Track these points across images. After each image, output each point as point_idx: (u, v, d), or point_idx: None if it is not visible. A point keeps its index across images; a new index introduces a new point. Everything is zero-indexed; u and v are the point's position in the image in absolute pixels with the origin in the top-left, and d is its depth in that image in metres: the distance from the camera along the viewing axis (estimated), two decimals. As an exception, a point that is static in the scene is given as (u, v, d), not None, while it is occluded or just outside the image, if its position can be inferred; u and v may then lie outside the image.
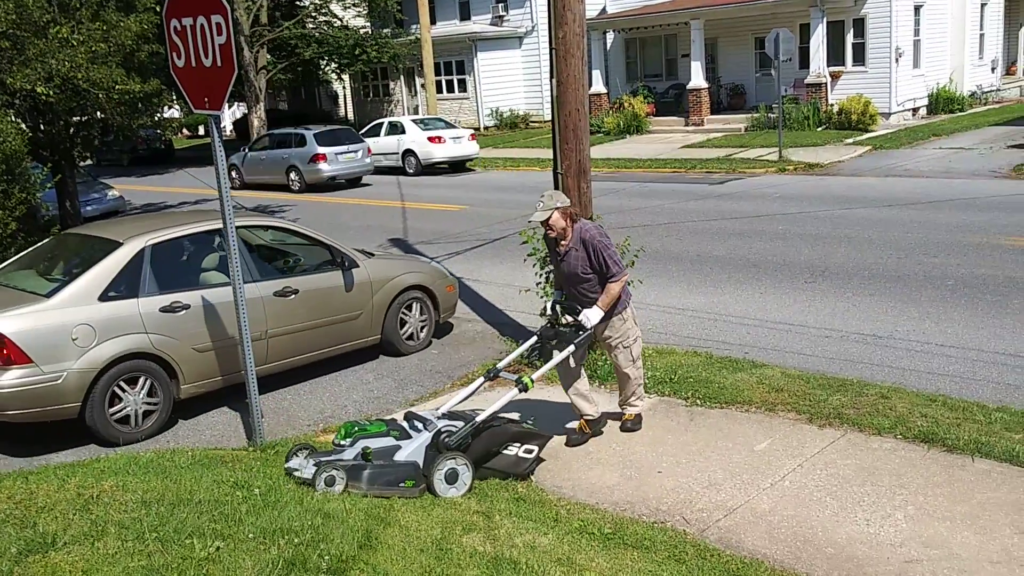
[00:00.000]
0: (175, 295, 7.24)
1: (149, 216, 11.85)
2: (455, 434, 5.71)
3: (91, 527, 3.91)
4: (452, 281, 9.54)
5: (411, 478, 5.49)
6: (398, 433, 5.80)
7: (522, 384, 5.93)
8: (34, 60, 11.97)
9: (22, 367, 6.45)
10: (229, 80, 5.85)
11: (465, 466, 5.63)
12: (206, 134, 45.65)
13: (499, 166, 24.85)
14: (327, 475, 5.32)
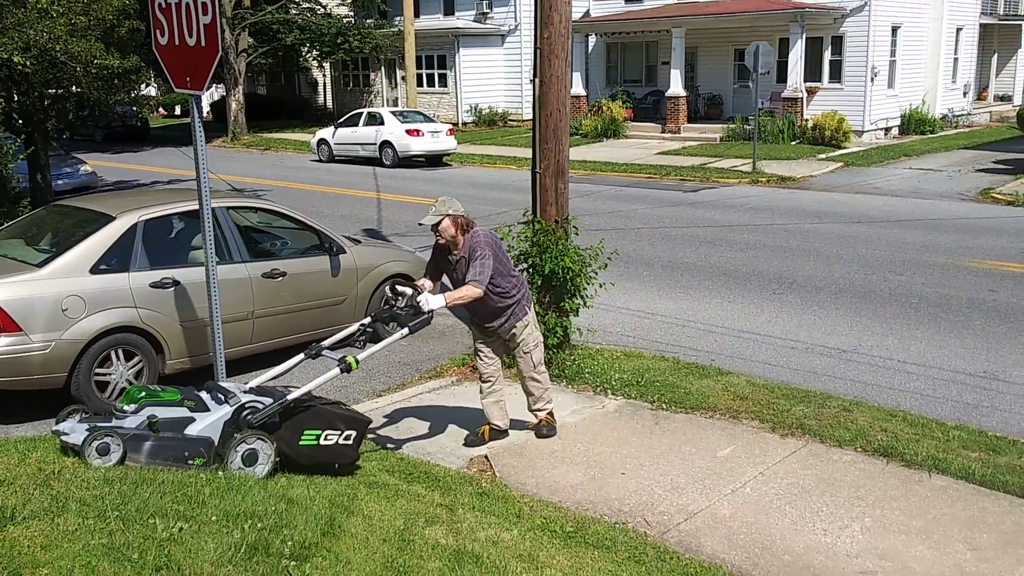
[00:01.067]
0: (165, 271, 7.27)
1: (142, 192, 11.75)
2: (260, 411, 5.18)
3: (51, 503, 3.87)
4: None
5: (201, 456, 5.01)
6: (193, 404, 5.26)
7: (345, 364, 5.45)
8: (11, 29, 11.80)
9: (11, 335, 6.44)
10: (213, 60, 5.81)
11: (268, 447, 5.13)
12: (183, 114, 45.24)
13: (476, 162, 24.85)
14: (100, 443, 4.79)
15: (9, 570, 3.25)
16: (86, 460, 4.71)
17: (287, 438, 5.28)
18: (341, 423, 5.48)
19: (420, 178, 22.18)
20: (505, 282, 6.11)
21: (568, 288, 7.63)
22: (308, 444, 5.35)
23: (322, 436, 5.39)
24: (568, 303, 7.71)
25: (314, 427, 5.37)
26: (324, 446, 5.40)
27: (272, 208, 8.71)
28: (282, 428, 5.27)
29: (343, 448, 5.48)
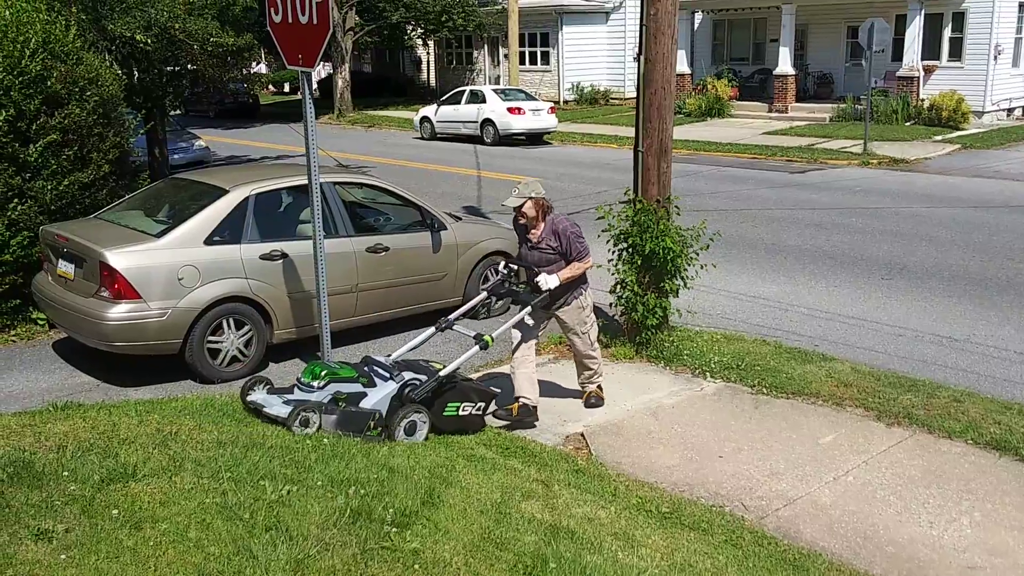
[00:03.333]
0: (274, 243, 7.48)
1: (253, 166, 12.18)
2: (419, 388, 5.85)
3: (169, 462, 4.08)
4: None
5: (378, 425, 5.66)
6: (366, 380, 5.89)
7: (483, 342, 6.07)
8: (135, 8, 12.33)
9: (131, 302, 6.75)
10: (324, 38, 5.95)
11: (425, 419, 5.80)
12: (291, 91, 46.42)
13: (576, 141, 24.73)
14: (303, 415, 5.41)
15: (131, 523, 3.45)
16: (291, 430, 5.27)
17: (435, 410, 5.91)
18: (476, 396, 6.13)
19: (520, 156, 22.21)
20: None
21: (668, 269, 7.55)
22: (450, 415, 5.98)
23: (460, 407, 6.02)
24: (668, 284, 7.63)
25: (455, 400, 6.00)
26: (462, 416, 6.05)
27: (377, 184, 8.87)
28: (433, 402, 5.89)
29: (475, 418, 6.14)
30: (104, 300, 6.86)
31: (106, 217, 7.97)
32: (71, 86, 8.83)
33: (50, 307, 7.50)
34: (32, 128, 8.42)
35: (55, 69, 8.67)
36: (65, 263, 7.32)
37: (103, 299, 6.86)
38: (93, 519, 3.45)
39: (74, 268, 7.20)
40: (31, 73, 8.35)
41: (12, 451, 3.99)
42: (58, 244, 7.42)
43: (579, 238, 6.30)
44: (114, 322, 6.75)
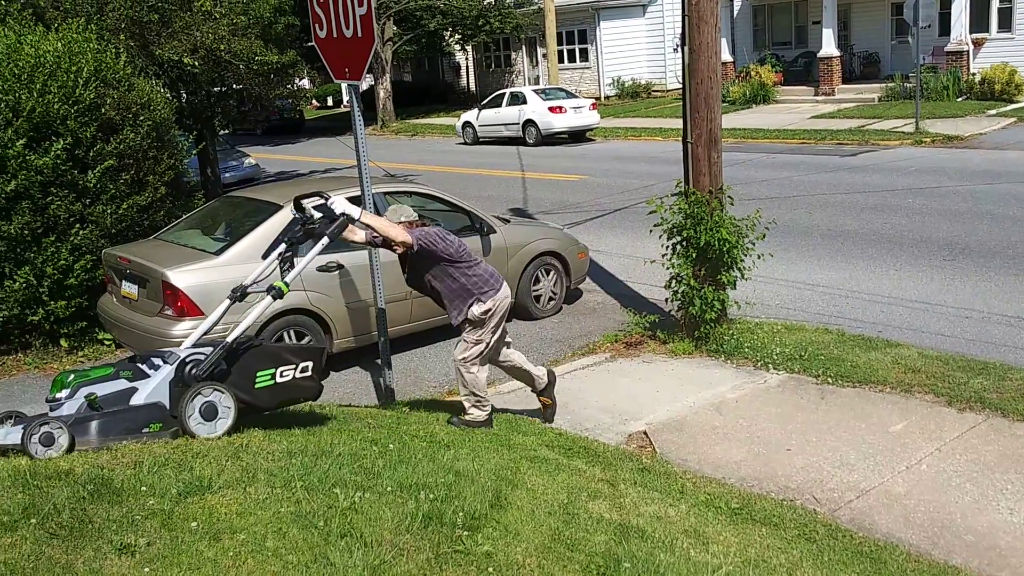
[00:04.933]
0: (330, 255, 7.53)
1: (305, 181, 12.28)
2: (203, 362, 4.88)
3: (242, 473, 4.14)
4: (583, 248, 9.61)
5: (156, 421, 4.71)
6: (131, 374, 4.88)
7: (275, 289, 5.15)
8: (180, 32, 12.59)
9: (194, 319, 6.88)
10: (369, 50, 6.01)
11: (228, 401, 4.80)
12: (334, 104, 46.96)
13: (620, 136, 24.62)
14: (42, 433, 4.37)
15: (210, 534, 3.51)
16: (32, 455, 4.32)
17: (241, 384, 4.95)
18: (293, 356, 5.17)
19: (564, 155, 22.18)
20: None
21: (725, 260, 7.47)
22: (265, 385, 5.05)
23: (277, 374, 5.08)
24: (725, 276, 7.55)
25: (266, 367, 5.06)
26: (282, 384, 5.10)
27: (425, 191, 8.93)
28: (233, 375, 4.95)
29: (302, 382, 5.15)
30: (168, 318, 7.01)
31: (165, 237, 8.14)
32: (124, 112, 9.05)
33: (116, 327, 7.68)
34: (89, 155, 8.64)
35: (108, 96, 8.88)
36: (129, 284, 7.50)
37: (167, 317, 7.01)
38: (173, 532, 3.52)
39: (137, 288, 7.38)
40: (85, 101, 8.57)
41: (91, 468, 4.09)
42: (121, 266, 7.60)
43: (430, 233, 5.68)
44: (179, 339, 6.88)
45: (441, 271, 5.80)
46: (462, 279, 5.83)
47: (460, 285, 5.83)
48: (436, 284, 5.86)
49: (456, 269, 5.81)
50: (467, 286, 5.84)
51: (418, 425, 5.92)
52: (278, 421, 5.60)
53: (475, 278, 5.87)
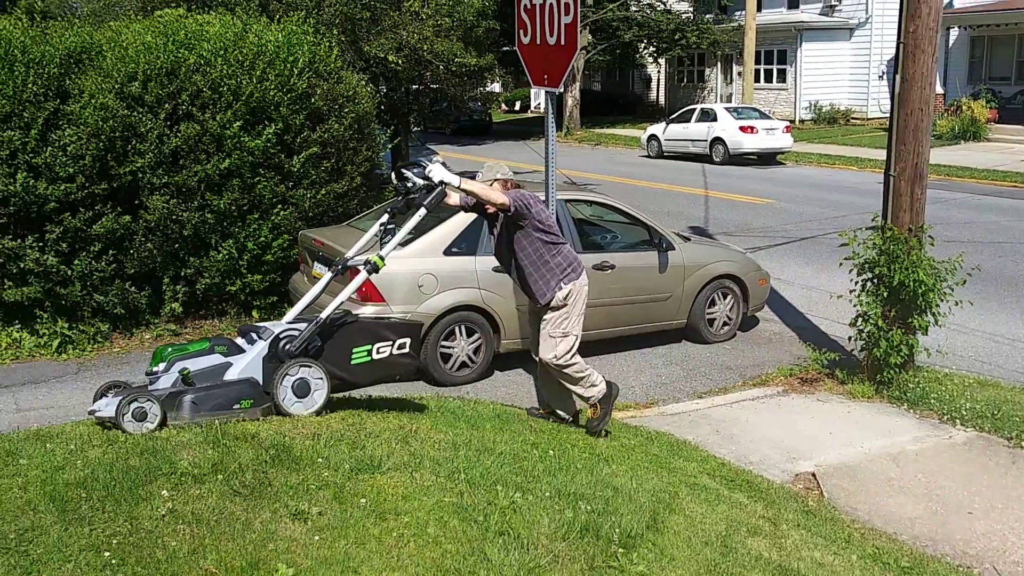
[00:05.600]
0: None
1: None
2: (297, 338, 4.84)
3: (410, 458, 4.29)
4: (765, 275, 9.32)
5: (247, 397, 4.66)
6: (225, 349, 4.88)
7: (371, 264, 5.06)
8: (388, 31, 13.20)
9: (377, 305, 7.21)
10: (570, 58, 6.08)
11: (318, 374, 4.77)
12: (522, 109, 47.82)
13: (812, 162, 23.70)
14: (135, 407, 4.40)
15: (377, 513, 3.66)
16: (124, 430, 4.40)
17: (336, 360, 4.92)
18: (391, 332, 5.10)
19: (751, 176, 21.59)
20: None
21: (918, 303, 7.04)
22: (361, 361, 5.01)
23: (373, 350, 5.02)
24: (916, 320, 7.11)
25: (363, 343, 5.01)
26: (378, 360, 5.04)
27: (606, 202, 8.91)
28: (327, 351, 4.92)
29: (399, 359, 5.10)
30: (352, 301, 7.33)
31: (357, 225, 8.55)
32: (332, 103, 9.56)
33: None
34: (296, 141, 9.19)
35: (319, 87, 9.42)
36: (320, 266, 7.92)
37: (351, 300, 7.33)
38: (343, 505, 3.69)
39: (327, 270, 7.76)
40: (298, 90, 9.12)
41: (274, 435, 4.35)
42: (315, 248, 8.04)
43: (523, 196, 5.49)
44: None
45: (529, 241, 5.59)
46: (547, 255, 5.62)
47: (544, 261, 5.62)
48: (522, 255, 5.62)
49: (544, 242, 5.60)
50: (551, 263, 5.63)
51: (577, 435, 5.92)
52: (445, 413, 5.77)
53: (560, 257, 5.67)
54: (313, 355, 4.86)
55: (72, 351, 8.35)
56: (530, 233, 5.57)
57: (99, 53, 8.67)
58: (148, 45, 8.57)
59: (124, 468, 3.89)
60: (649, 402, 7.51)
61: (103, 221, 8.29)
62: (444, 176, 5.19)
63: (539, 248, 5.61)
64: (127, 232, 8.47)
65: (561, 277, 5.64)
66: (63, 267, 8.21)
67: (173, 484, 3.76)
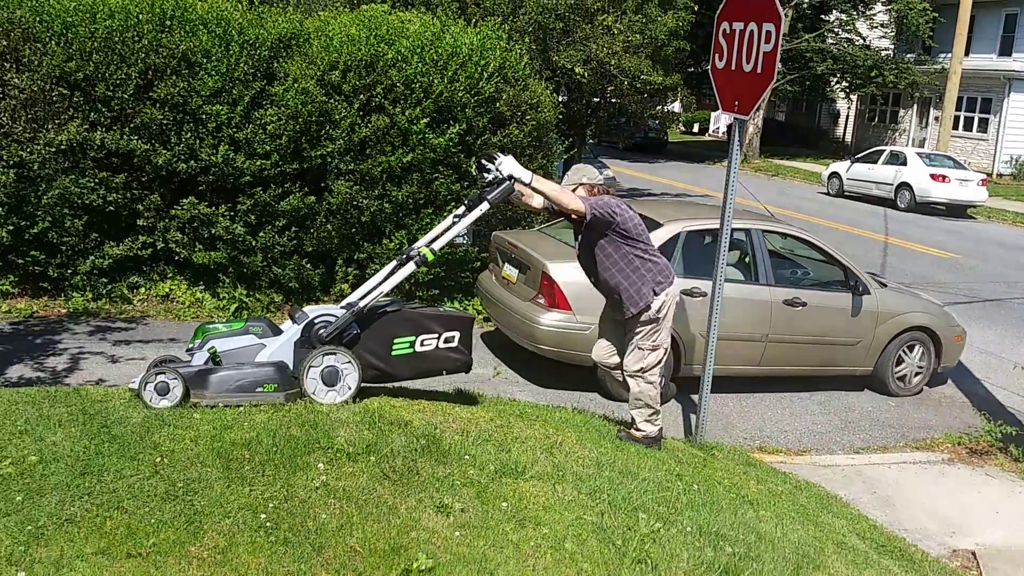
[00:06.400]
0: (696, 281, 7.61)
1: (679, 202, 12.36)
2: (333, 323, 4.65)
3: (554, 469, 4.29)
4: (961, 331, 8.78)
5: (272, 381, 4.53)
6: (260, 330, 4.78)
7: (420, 256, 4.85)
8: (578, 43, 13.29)
9: (562, 312, 7.29)
10: (765, 88, 5.92)
11: (349, 362, 4.61)
12: (700, 132, 47.14)
13: (1007, 220, 22.13)
14: (158, 382, 4.38)
15: (517, 519, 3.68)
16: (146, 402, 4.40)
17: (376, 350, 4.74)
18: (437, 324, 4.87)
19: (936, 227, 20.38)
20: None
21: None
22: (402, 353, 4.80)
23: (417, 342, 4.82)
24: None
25: (405, 333, 4.81)
26: (421, 353, 4.84)
27: (804, 237, 8.59)
28: (366, 340, 4.73)
29: (446, 353, 4.90)
30: (539, 306, 7.48)
31: (547, 231, 8.72)
32: (515, 109, 9.73)
33: (490, 304, 8.33)
34: (477, 142, 9.40)
35: (505, 92, 9.60)
36: (510, 267, 8.13)
37: (539, 305, 7.49)
38: (485, 506, 3.73)
39: (517, 273, 7.96)
40: (485, 94, 9.33)
41: (426, 425, 4.46)
42: (507, 250, 8.24)
43: (605, 203, 5.14)
44: (545, 327, 7.32)
45: (615, 248, 5.31)
46: (636, 262, 5.33)
47: (634, 268, 5.33)
48: (608, 263, 5.32)
49: (632, 250, 5.31)
50: (642, 270, 5.34)
51: (723, 473, 5.75)
52: (589, 427, 5.74)
53: (651, 264, 5.38)
54: (349, 343, 4.71)
55: (246, 317, 8.87)
56: (614, 240, 5.30)
57: (306, 40, 9.16)
58: (352, 37, 8.99)
59: (286, 436, 4.08)
60: (801, 450, 7.21)
61: (290, 199, 8.76)
62: (514, 171, 4.93)
63: (627, 256, 5.32)
64: (310, 212, 8.91)
65: (653, 286, 5.36)
66: (249, 237, 8.73)
67: (329, 459, 3.92)
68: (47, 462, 3.71)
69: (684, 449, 6.26)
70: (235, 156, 8.55)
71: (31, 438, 3.93)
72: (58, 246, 8.36)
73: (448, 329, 4.89)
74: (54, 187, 8.07)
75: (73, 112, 8.15)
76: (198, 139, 8.49)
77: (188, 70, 8.42)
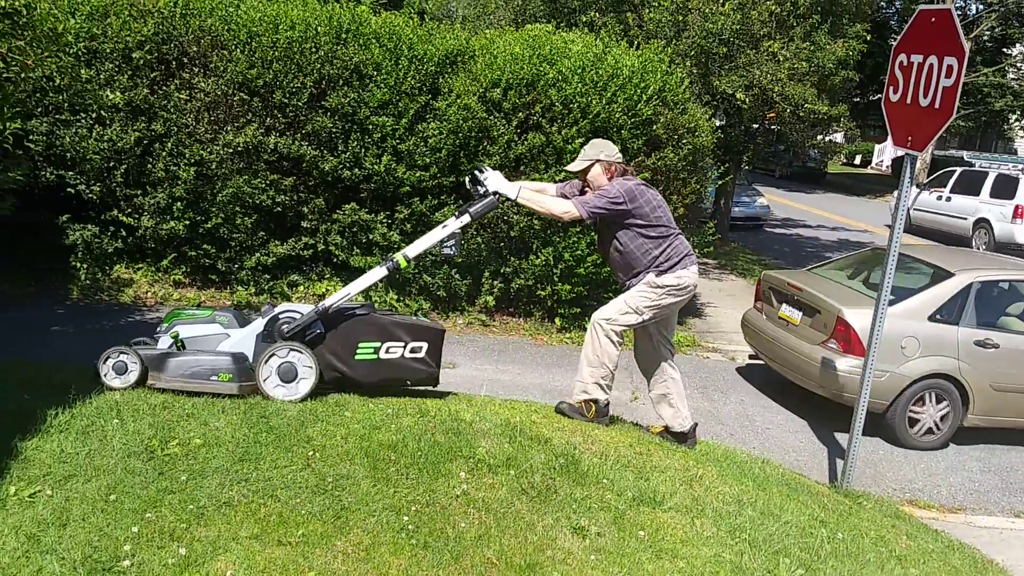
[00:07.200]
0: (989, 332, 7.63)
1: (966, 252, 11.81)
2: (296, 320, 4.62)
3: (693, 503, 4.21)
4: None
5: (227, 371, 4.49)
6: (226, 320, 4.78)
7: (392, 262, 4.74)
8: (741, 68, 13.04)
9: (857, 358, 7.28)
10: (942, 124, 5.64)
11: (308, 362, 4.54)
12: (861, 164, 45.31)
13: None
14: (116, 361, 4.43)
15: (653, 549, 3.63)
16: (101, 379, 4.46)
17: (339, 352, 4.71)
18: (404, 333, 4.79)
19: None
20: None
21: None
22: (365, 358, 4.75)
23: (382, 349, 4.75)
24: None
25: (370, 338, 4.74)
26: (386, 360, 4.77)
27: None
28: (331, 341, 4.70)
29: (411, 363, 4.82)
30: (832, 351, 7.54)
31: (822, 273, 8.73)
32: (672, 132, 9.65)
33: (762, 341, 8.47)
34: (631, 164, 9.35)
35: (662, 115, 9.54)
36: (790, 308, 8.21)
37: (830, 349, 7.56)
38: (621, 533, 3.70)
39: (801, 315, 8.05)
40: (642, 116, 9.30)
41: (566, 444, 4.47)
42: (786, 291, 8.32)
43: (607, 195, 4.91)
44: (840, 373, 7.39)
45: (630, 239, 5.07)
46: (654, 252, 5.06)
47: (652, 259, 5.07)
48: (622, 249, 5.11)
49: (647, 239, 5.05)
50: (656, 255, 5.08)
51: (870, 524, 5.47)
52: (731, 464, 5.59)
53: (669, 249, 5.10)
54: (312, 342, 4.70)
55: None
56: (629, 229, 5.09)
57: (471, 57, 9.40)
58: (515, 55, 9.16)
59: (431, 442, 4.19)
60: (955, 507, 6.79)
61: (444, 210, 8.99)
62: (499, 187, 4.91)
63: (643, 246, 5.09)
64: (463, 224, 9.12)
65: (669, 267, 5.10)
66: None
67: (470, 468, 3.99)
68: (210, 446, 3.94)
69: (829, 495, 6.01)
70: (396, 166, 8.86)
71: (197, 422, 4.19)
72: (228, 241, 8.89)
73: (415, 339, 4.85)
74: (229, 186, 8.60)
75: (251, 116, 8.67)
76: (363, 148, 8.86)
77: (359, 82, 8.80)
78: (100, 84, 8.23)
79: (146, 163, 8.57)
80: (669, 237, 5.13)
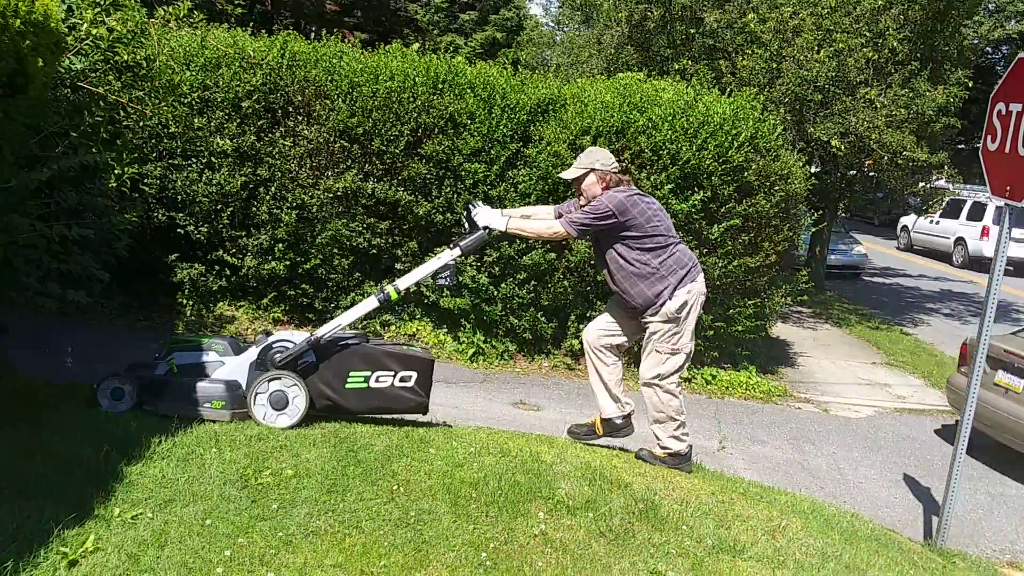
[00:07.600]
0: None
1: None
2: (289, 350, 4.76)
3: (774, 553, 4.16)
4: None
5: (220, 399, 4.67)
6: (222, 348, 4.92)
7: (384, 294, 4.88)
8: (836, 115, 12.88)
9: None
10: (1043, 173, 5.49)
11: (299, 392, 4.70)
12: (965, 212, 43.67)
13: None
14: (114, 386, 4.65)
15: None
16: (100, 405, 4.65)
17: (330, 381, 4.84)
18: (394, 363, 4.89)
19: None
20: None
21: None
22: (356, 387, 4.87)
23: (372, 378, 4.87)
24: None
25: (361, 368, 4.87)
26: (376, 389, 4.89)
27: None
28: (322, 370, 4.84)
29: (399, 392, 4.92)
30: None
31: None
32: (764, 179, 9.59)
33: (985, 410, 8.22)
34: (720, 210, 9.35)
35: (754, 162, 9.49)
36: (1010, 376, 8.10)
37: None
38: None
39: (1022, 383, 7.95)
40: (733, 162, 9.28)
41: (646, 489, 4.48)
42: (1005, 358, 8.22)
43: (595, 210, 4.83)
44: None
45: (626, 250, 4.94)
46: (653, 262, 4.90)
47: (652, 270, 4.90)
48: (620, 264, 4.97)
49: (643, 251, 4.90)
50: (661, 271, 4.89)
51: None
52: (816, 516, 5.48)
53: (670, 260, 4.91)
54: (304, 371, 4.84)
55: (482, 362, 9.29)
56: (623, 240, 4.97)
57: (562, 105, 9.60)
58: (605, 104, 9.31)
59: (511, 481, 4.27)
60: (1014, 563, 6.44)
61: (532, 254, 9.14)
62: (489, 221, 4.96)
63: (639, 258, 4.95)
64: (550, 268, 9.25)
65: (674, 283, 4.94)
66: (491, 288, 9.19)
67: (549, 509, 4.05)
68: (300, 476, 4.12)
69: (921, 552, 5.81)
70: (487, 211, 9.07)
71: (289, 453, 4.38)
72: (325, 281, 9.23)
73: (405, 368, 4.96)
74: (328, 228, 8.95)
75: (351, 163, 9.03)
76: (456, 193, 9.11)
77: (453, 130, 9.08)
78: (211, 131, 8.74)
79: (251, 206, 9.01)
80: (668, 247, 5.00)
